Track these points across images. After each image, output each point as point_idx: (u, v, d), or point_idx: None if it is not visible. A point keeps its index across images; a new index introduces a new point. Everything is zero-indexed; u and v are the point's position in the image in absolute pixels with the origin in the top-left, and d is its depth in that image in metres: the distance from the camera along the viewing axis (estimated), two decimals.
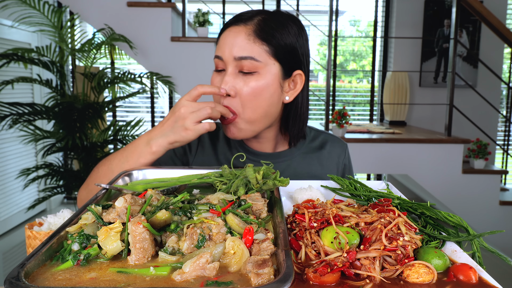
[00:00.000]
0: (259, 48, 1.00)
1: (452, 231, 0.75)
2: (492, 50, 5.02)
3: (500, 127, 5.64)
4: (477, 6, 3.57)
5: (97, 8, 3.57)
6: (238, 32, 1.02)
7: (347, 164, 1.27)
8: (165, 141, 0.97)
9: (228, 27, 1.05)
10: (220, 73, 1.06)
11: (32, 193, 4.79)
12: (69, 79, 4.84)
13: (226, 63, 1.02)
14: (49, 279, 0.54)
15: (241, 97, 1.01)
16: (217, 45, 1.08)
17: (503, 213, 3.85)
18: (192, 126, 0.94)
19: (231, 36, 1.02)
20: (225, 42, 1.03)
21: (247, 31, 1.01)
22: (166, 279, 0.55)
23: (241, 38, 1.01)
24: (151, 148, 0.98)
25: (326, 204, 0.80)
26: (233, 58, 1.01)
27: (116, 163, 1.02)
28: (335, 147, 1.24)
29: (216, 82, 1.06)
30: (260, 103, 1.03)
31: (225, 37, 1.04)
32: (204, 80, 3.61)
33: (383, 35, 5.26)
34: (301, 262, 0.66)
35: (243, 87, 1.01)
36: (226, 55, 1.02)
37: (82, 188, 1.09)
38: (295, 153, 1.20)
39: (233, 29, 1.03)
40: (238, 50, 1.00)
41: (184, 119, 0.94)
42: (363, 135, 3.78)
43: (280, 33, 1.02)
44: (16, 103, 3.21)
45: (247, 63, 1.00)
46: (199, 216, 0.67)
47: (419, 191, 4.09)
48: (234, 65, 1.01)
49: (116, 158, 1.03)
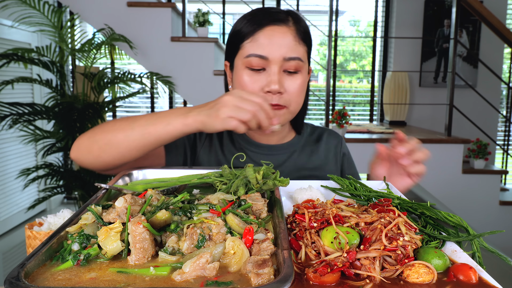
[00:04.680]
0: (302, 49, 1.07)
1: (452, 231, 0.75)
2: (492, 50, 5.02)
3: (500, 127, 5.64)
4: (477, 6, 3.57)
5: (97, 8, 3.57)
6: (285, 33, 1.04)
7: (346, 153, 1.31)
8: (199, 118, 0.90)
9: (267, 26, 1.04)
10: (258, 72, 1.05)
11: (32, 193, 4.79)
12: (69, 79, 4.84)
13: (272, 62, 1.03)
14: (49, 279, 0.54)
15: (289, 94, 1.06)
16: (248, 42, 1.05)
17: (503, 213, 3.85)
18: (223, 116, 0.87)
19: (278, 36, 1.03)
20: (271, 42, 1.03)
21: (292, 32, 1.05)
22: (166, 279, 0.55)
23: (289, 39, 1.04)
24: (186, 119, 0.91)
25: (326, 204, 0.80)
26: (282, 58, 1.03)
27: (140, 122, 0.94)
28: (331, 139, 1.29)
29: (254, 81, 1.05)
30: (302, 98, 1.11)
31: (268, 36, 1.03)
32: (204, 80, 3.61)
33: (383, 35, 5.26)
34: (301, 262, 0.66)
35: (291, 85, 1.06)
36: (274, 55, 1.03)
37: (85, 136, 0.99)
38: (295, 145, 1.24)
39: (276, 29, 1.04)
40: (288, 51, 1.03)
41: (223, 106, 0.87)
42: (363, 135, 3.78)
43: (309, 33, 1.11)
44: (16, 103, 3.21)
45: (294, 63, 1.05)
46: (199, 216, 0.67)
47: (419, 191, 4.09)
48: (280, 65, 1.04)
49: (143, 119, 0.95)
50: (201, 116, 0.90)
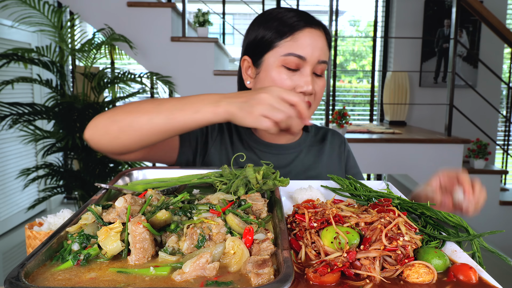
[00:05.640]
0: (328, 54, 1.12)
1: (452, 231, 0.75)
2: (492, 50, 5.02)
3: (500, 127, 5.64)
4: (477, 6, 3.57)
5: (97, 8, 3.56)
6: (320, 37, 1.07)
7: (349, 153, 1.34)
8: (230, 109, 0.85)
9: (305, 28, 1.06)
10: (292, 72, 1.06)
11: (32, 193, 4.79)
12: (69, 79, 4.84)
13: (307, 63, 1.05)
14: (49, 279, 0.54)
15: (316, 94, 1.11)
16: (288, 41, 1.04)
17: (503, 213, 3.85)
18: (258, 113, 0.83)
19: (315, 39, 1.06)
20: (310, 44, 1.05)
21: (324, 36, 1.09)
22: (166, 279, 0.55)
23: (323, 43, 1.08)
24: (217, 108, 0.86)
25: (326, 204, 0.80)
26: (317, 61, 1.06)
27: (167, 106, 0.89)
28: (335, 138, 1.32)
29: (291, 81, 1.06)
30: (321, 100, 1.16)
31: (308, 37, 1.05)
32: (204, 80, 3.61)
33: (383, 35, 5.26)
34: (301, 262, 0.66)
35: (317, 87, 1.10)
36: (311, 56, 1.05)
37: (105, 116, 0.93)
38: (302, 145, 1.26)
39: (313, 32, 1.07)
40: (322, 54, 1.07)
41: (259, 104, 0.84)
42: (363, 135, 3.78)
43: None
44: (16, 103, 3.21)
45: (323, 66, 1.09)
46: (199, 216, 0.67)
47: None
48: (313, 67, 1.07)
49: (169, 103, 0.90)
50: (233, 108, 0.85)
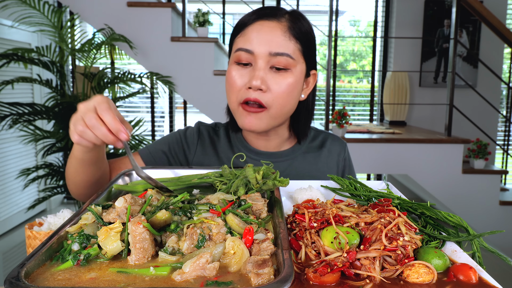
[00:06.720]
0: (293, 46, 1.01)
1: (452, 231, 0.75)
2: (492, 50, 5.02)
3: (500, 127, 5.64)
4: (477, 6, 3.57)
5: (97, 8, 3.56)
6: (274, 28, 1.00)
7: (347, 160, 1.27)
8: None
9: (257, 21, 1.02)
10: (243, 66, 1.03)
11: (32, 193, 4.79)
12: (69, 79, 4.84)
13: (257, 57, 1.00)
14: (49, 279, 0.54)
15: (273, 92, 1.01)
16: (239, 37, 1.04)
17: (503, 213, 3.85)
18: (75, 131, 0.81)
19: (266, 30, 1.00)
20: (258, 36, 1.00)
21: (282, 27, 1.01)
22: (166, 279, 0.55)
23: (277, 34, 1.00)
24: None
25: (326, 204, 0.80)
26: (268, 53, 0.99)
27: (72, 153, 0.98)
28: (334, 145, 1.24)
29: (239, 76, 1.03)
30: (289, 101, 1.04)
31: (256, 30, 1.01)
32: (204, 80, 3.61)
33: (383, 35, 5.26)
34: (301, 262, 0.66)
35: (277, 84, 1.01)
36: (259, 49, 0.99)
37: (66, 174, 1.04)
38: (296, 152, 1.20)
39: (265, 24, 1.01)
40: (275, 46, 0.99)
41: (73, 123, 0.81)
42: (363, 135, 3.78)
43: (309, 33, 1.05)
44: (16, 103, 3.21)
45: (283, 59, 1.00)
46: (199, 216, 0.67)
47: (419, 191, 4.09)
48: (266, 60, 1.00)
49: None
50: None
